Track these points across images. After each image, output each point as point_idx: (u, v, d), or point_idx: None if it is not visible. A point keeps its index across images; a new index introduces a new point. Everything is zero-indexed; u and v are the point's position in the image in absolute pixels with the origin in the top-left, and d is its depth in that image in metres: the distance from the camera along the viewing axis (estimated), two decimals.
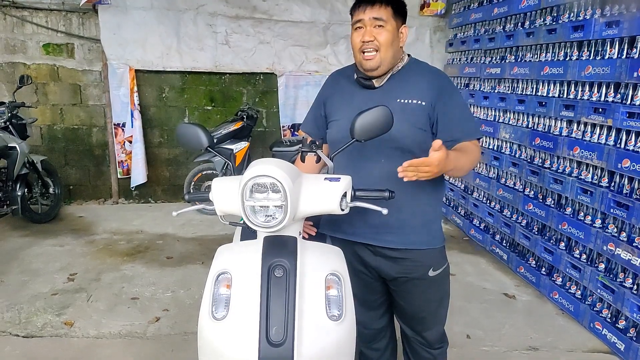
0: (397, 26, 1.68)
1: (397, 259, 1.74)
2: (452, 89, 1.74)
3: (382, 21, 1.64)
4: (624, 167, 2.69)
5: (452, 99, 1.70)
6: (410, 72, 1.74)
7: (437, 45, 5.57)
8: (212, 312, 1.31)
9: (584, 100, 3.05)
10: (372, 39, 1.64)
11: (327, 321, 1.30)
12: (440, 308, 1.87)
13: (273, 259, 1.32)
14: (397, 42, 1.69)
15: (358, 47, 1.67)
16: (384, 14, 1.64)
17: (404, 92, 1.69)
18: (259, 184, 1.33)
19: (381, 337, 2.00)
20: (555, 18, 3.41)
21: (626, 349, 2.63)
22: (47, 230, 4.39)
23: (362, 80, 1.74)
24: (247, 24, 5.15)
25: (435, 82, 1.70)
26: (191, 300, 3.17)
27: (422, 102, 1.66)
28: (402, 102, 1.67)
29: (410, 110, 1.66)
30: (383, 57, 1.65)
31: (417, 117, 1.66)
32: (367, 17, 1.64)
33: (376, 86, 1.73)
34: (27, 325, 2.83)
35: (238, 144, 4.87)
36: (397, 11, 1.67)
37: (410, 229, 1.72)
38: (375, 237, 1.74)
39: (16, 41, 4.87)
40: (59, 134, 5.16)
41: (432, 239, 1.77)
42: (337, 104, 1.81)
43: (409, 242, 1.72)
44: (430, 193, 1.74)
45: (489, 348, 2.76)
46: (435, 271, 1.77)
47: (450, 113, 1.67)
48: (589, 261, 3.00)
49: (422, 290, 1.79)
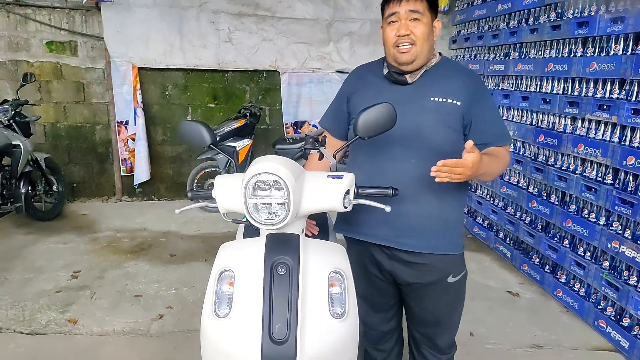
0: (431, 20, 1.62)
1: (414, 264, 1.69)
2: (485, 90, 1.70)
3: (419, 14, 1.58)
4: (629, 164, 2.67)
5: (486, 101, 1.66)
6: (443, 69, 1.68)
7: (440, 42, 5.54)
8: (214, 309, 1.30)
9: (589, 97, 3.03)
10: (408, 32, 1.58)
11: (330, 319, 1.30)
12: (455, 314, 1.83)
13: (276, 257, 1.31)
14: (432, 36, 1.63)
15: (392, 41, 1.61)
16: (420, 6, 1.58)
17: (438, 91, 1.63)
18: (262, 181, 1.32)
19: (387, 339, 1.96)
20: (559, 14, 3.39)
21: (630, 346, 2.62)
22: (51, 227, 4.40)
23: (395, 74, 1.67)
24: (250, 21, 5.14)
25: (469, 81, 1.65)
26: (194, 297, 3.18)
27: (457, 101, 1.61)
28: (437, 100, 1.61)
29: (445, 109, 1.61)
30: (419, 51, 1.60)
31: (452, 118, 1.61)
32: (403, 10, 1.58)
33: (409, 82, 1.66)
34: (31, 323, 2.84)
35: (241, 142, 4.86)
36: (431, 5, 1.62)
37: (432, 232, 1.66)
38: (395, 239, 1.68)
39: (19, 39, 4.87)
40: (62, 131, 5.17)
41: (453, 245, 1.71)
42: (364, 100, 1.69)
43: (429, 246, 1.66)
44: (455, 197, 1.69)
45: (493, 346, 2.75)
46: (455, 278, 1.72)
47: (484, 116, 1.63)
48: (593, 259, 2.99)
49: (437, 295, 1.74)
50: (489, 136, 1.63)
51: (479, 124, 1.62)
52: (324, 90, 5.47)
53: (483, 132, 1.63)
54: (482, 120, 1.63)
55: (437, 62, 1.68)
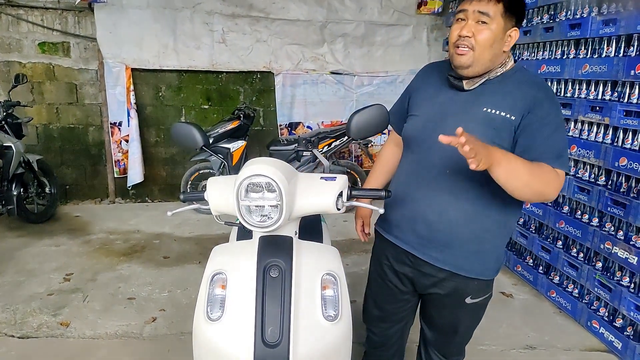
0: (505, 27, 1.44)
1: (434, 277, 1.60)
2: (550, 101, 1.46)
3: (487, 17, 1.41)
4: (621, 165, 2.68)
5: (547, 112, 1.43)
6: (509, 80, 1.50)
7: (434, 44, 5.56)
8: (207, 312, 1.30)
9: (581, 98, 3.05)
10: (469, 34, 1.43)
11: (323, 321, 1.30)
12: (471, 329, 1.78)
13: (268, 259, 1.31)
14: (499, 45, 1.45)
15: (453, 40, 1.47)
16: (492, 9, 1.41)
17: (493, 102, 1.47)
18: (254, 183, 1.32)
19: (389, 347, 1.91)
20: (552, 16, 3.41)
21: (623, 347, 2.63)
22: (43, 230, 4.37)
23: (451, 78, 1.54)
24: (244, 23, 5.13)
25: (531, 92, 1.45)
26: (188, 300, 3.16)
27: (511, 115, 1.43)
28: (489, 111, 1.46)
29: (495, 122, 1.44)
30: (477, 58, 1.44)
31: (500, 132, 1.44)
32: (472, 10, 1.43)
33: (465, 88, 1.52)
34: (23, 326, 2.81)
35: (235, 143, 4.85)
36: (509, 10, 1.43)
37: (460, 250, 1.54)
38: (421, 248, 1.58)
39: (11, 40, 4.84)
40: (55, 133, 5.14)
41: (484, 270, 1.58)
42: (420, 99, 1.63)
43: (454, 265, 1.55)
44: (498, 217, 1.53)
45: (487, 347, 2.75)
46: (474, 300, 1.62)
47: (539, 127, 1.41)
48: (586, 260, 3.00)
49: (454, 312, 1.67)
50: (535, 151, 1.40)
51: (529, 134, 1.41)
52: (318, 92, 5.48)
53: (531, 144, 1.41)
54: (535, 132, 1.41)
55: (504, 72, 1.51)
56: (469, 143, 1.18)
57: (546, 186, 1.38)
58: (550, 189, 1.40)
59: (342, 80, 5.50)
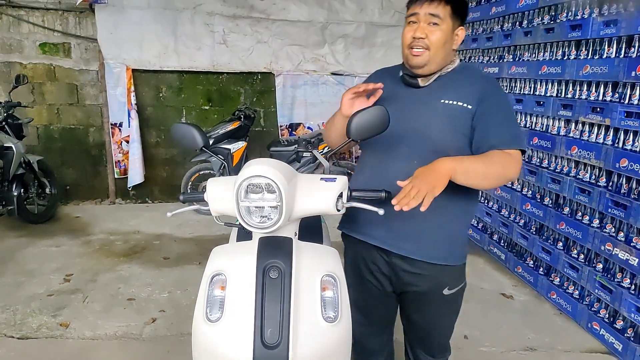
0: (453, 27, 1.56)
1: (410, 273, 1.64)
2: (498, 92, 1.61)
3: (438, 19, 1.53)
4: (622, 166, 2.68)
5: (496, 102, 1.57)
6: (459, 75, 1.63)
7: None
8: (206, 314, 1.29)
9: (582, 99, 3.05)
10: (423, 36, 1.53)
11: (323, 323, 1.29)
12: (451, 323, 1.81)
13: (268, 260, 1.30)
14: (450, 44, 1.58)
15: (407, 42, 1.57)
16: (441, 11, 1.53)
17: (449, 94, 1.58)
18: (254, 184, 1.31)
19: (378, 354, 1.92)
20: (553, 17, 3.40)
21: (624, 349, 2.62)
22: (44, 230, 4.37)
23: (407, 77, 1.64)
24: (244, 24, 5.14)
25: (484, 85, 1.59)
26: (188, 301, 3.16)
27: (467, 105, 1.55)
28: (447, 102, 1.57)
29: (454, 112, 1.56)
30: (432, 57, 1.55)
31: (461, 121, 1.56)
32: (423, 12, 1.53)
33: (421, 85, 1.63)
34: (23, 327, 2.81)
35: (235, 144, 4.86)
36: (456, 11, 1.56)
37: (430, 241, 1.61)
38: (391, 242, 1.63)
39: (12, 40, 4.84)
40: (55, 133, 5.14)
41: (453, 256, 1.64)
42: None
43: (426, 254, 1.61)
44: (461, 205, 1.62)
45: (487, 348, 2.75)
46: (451, 290, 1.67)
47: (491, 117, 1.55)
48: (587, 261, 2.99)
49: (434, 306, 1.71)
50: (493, 138, 1.52)
51: (484, 125, 1.54)
52: (319, 93, 5.48)
53: (487, 135, 1.53)
54: (487, 122, 1.54)
55: (454, 68, 1.64)
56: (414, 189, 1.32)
57: (504, 169, 1.50)
58: (508, 170, 1.51)
59: (343, 81, 5.49)
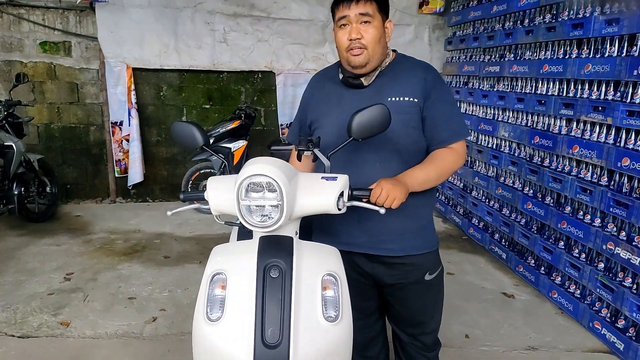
0: (382, 21, 1.62)
1: (395, 265, 1.70)
2: (441, 84, 1.68)
3: (369, 17, 1.57)
4: (624, 165, 2.67)
5: (441, 96, 1.64)
6: (398, 67, 1.67)
7: (435, 44, 5.55)
8: (206, 313, 1.29)
9: (584, 98, 3.04)
10: (359, 36, 1.57)
11: (324, 322, 1.28)
12: (436, 311, 1.84)
13: (269, 259, 1.30)
14: (384, 38, 1.63)
15: (345, 45, 1.60)
16: (370, 9, 1.57)
17: (395, 90, 1.62)
18: (255, 183, 1.30)
19: (374, 344, 1.94)
20: (554, 16, 3.39)
21: (625, 348, 2.62)
22: (44, 229, 4.37)
23: (350, 79, 1.67)
24: (245, 22, 5.13)
25: (425, 76, 1.64)
26: (188, 300, 3.16)
27: (414, 99, 1.61)
28: (394, 100, 1.60)
29: (403, 108, 1.60)
30: (371, 54, 1.59)
31: (411, 116, 1.61)
32: (353, 14, 1.57)
33: (365, 84, 1.66)
34: (23, 326, 2.81)
35: (236, 143, 4.84)
36: (381, 6, 1.61)
37: (410, 234, 1.68)
38: (376, 245, 1.68)
39: (13, 39, 4.84)
40: (56, 132, 5.14)
41: (428, 243, 1.73)
42: (323, 108, 1.72)
43: (408, 247, 1.68)
44: (425, 195, 1.69)
45: (488, 348, 2.74)
46: (432, 275, 1.74)
47: (438, 112, 1.62)
48: (589, 260, 2.99)
49: (418, 294, 1.75)
50: (443, 133, 1.62)
51: (433, 121, 1.61)
52: None
53: (437, 131, 1.62)
54: (436, 117, 1.61)
55: (391, 61, 1.68)
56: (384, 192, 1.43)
57: (452, 164, 1.65)
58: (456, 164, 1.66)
59: None
